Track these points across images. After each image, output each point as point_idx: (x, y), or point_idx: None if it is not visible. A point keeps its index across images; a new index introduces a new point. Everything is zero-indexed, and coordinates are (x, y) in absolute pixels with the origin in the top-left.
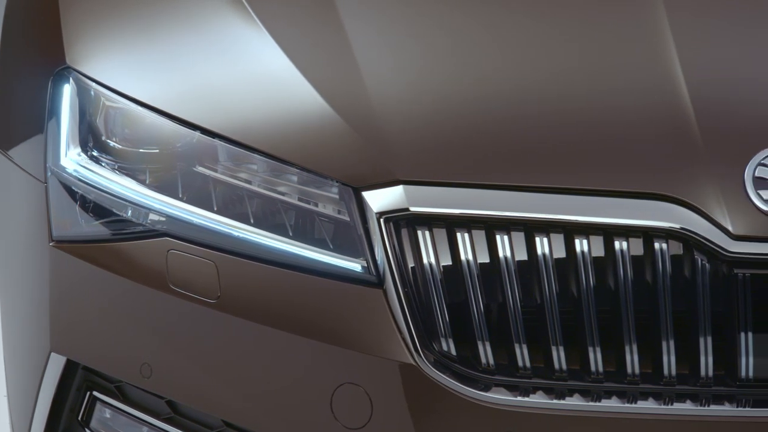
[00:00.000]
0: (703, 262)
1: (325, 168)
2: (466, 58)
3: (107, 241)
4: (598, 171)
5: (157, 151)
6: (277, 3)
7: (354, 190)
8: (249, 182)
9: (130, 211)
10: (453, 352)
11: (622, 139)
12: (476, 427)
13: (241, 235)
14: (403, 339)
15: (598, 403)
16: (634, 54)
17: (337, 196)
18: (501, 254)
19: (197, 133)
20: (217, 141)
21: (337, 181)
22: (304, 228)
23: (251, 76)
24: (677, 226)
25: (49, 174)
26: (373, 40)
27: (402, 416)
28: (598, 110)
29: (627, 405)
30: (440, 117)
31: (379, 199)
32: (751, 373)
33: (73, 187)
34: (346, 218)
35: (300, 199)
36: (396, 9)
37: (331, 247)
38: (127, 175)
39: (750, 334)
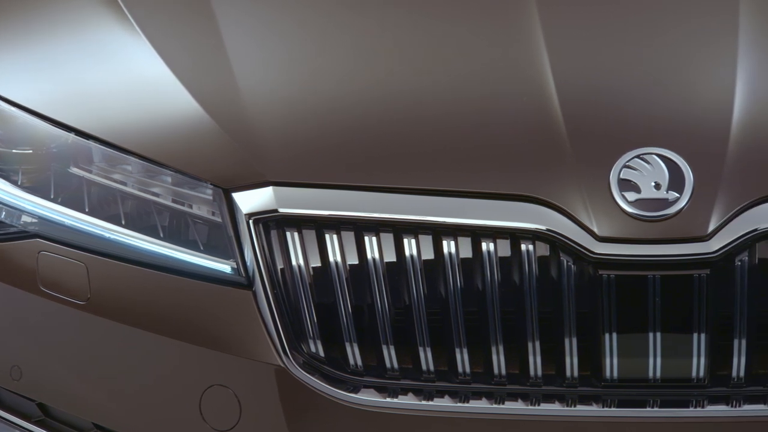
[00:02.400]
0: (569, 263)
1: (197, 170)
2: (339, 62)
3: None
4: (465, 173)
5: (31, 152)
6: (154, 6)
7: (224, 191)
8: (123, 184)
9: (3, 213)
10: (321, 353)
11: (491, 142)
12: (346, 429)
13: (112, 237)
14: (272, 341)
15: (466, 404)
16: (505, 58)
17: (210, 198)
18: (369, 256)
19: (72, 135)
20: (91, 143)
21: (208, 183)
22: (178, 229)
23: (126, 79)
24: (543, 227)
25: None
26: (248, 44)
27: (271, 418)
28: (467, 113)
29: (494, 406)
30: (312, 120)
31: (249, 201)
32: (615, 374)
33: None
34: (219, 220)
35: (174, 201)
36: (271, 13)
37: (202, 248)
38: (0, 176)
39: (614, 335)
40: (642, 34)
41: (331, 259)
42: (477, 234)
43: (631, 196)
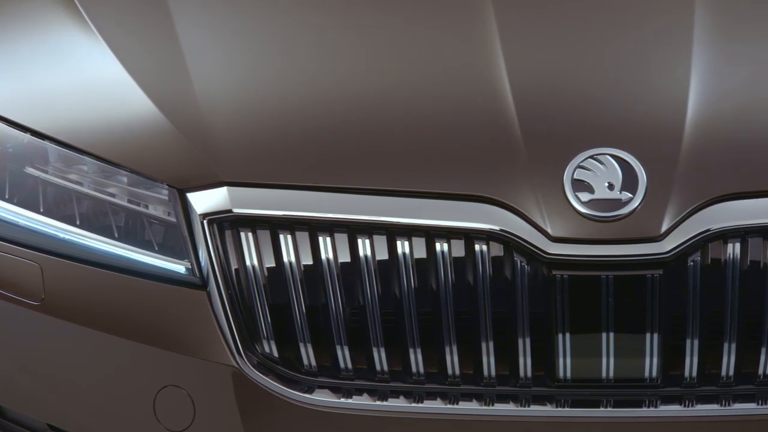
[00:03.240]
0: (523, 263)
1: (152, 170)
2: (295, 63)
3: None
4: (420, 173)
5: None
6: (111, 6)
7: (179, 191)
8: (79, 184)
9: None
10: (275, 354)
11: (445, 143)
12: (300, 429)
13: (66, 237)
14: (226, 341)
15: (420, 405)
16: (461, 59)
17: (166, 198)
18: (324, 256)
19: (27, 135)
20: (47, 143)
21: (163, 183)
22: (134, 230)
23: (82, 79)
24: (497, 228)
25: None
26: (205, 45)
27: (225, 419)
28: (422, 114)
29: (449, 406)
30: (267, 120)
31: (203, 201)
32: (569, 374)
33: None
34: (174, 220)
35: (130, 201)
36: (228, 14)
37: (157, 248)
38: None
39: (568, 335)
40: (597, 35)
41: (285, 259)
42: (431, 234)
43: (585, 196)
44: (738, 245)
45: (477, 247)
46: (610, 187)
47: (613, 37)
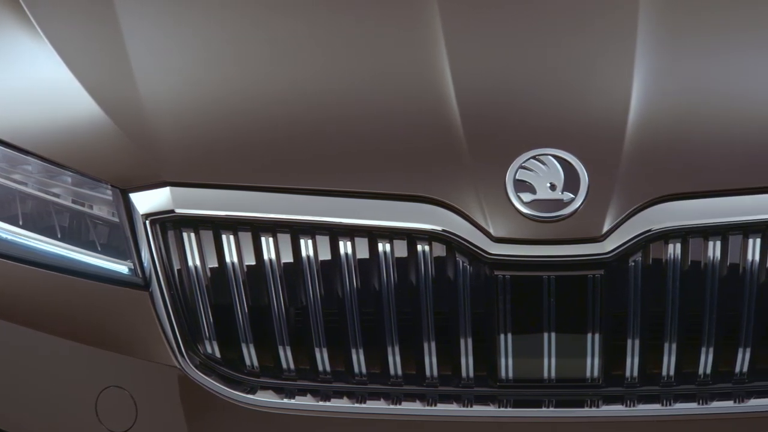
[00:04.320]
0: (465, 263)
1: (96, 170)
2: (239, 63)
3: None
4: (362, 174)
5: None
6: (55, 6)
7: (122, 191)
8: (23, 184)
9: None
10: (218, 354)
11: (388, 144)
12: (243, 430)
13: (8, 238)
14: (168, 342)
15: (363, 405)
16: (405, 60)
17: (110, 198)
18: (266, 256)
19: None
20: None
21: (106, 183)
22: (78, 230)
23: (26, 79)
24: (439, 228)
25: None
26: (150, 45)
27: (168, 420)
28: (365, 115)
29: (391, 407)
30: (211, 121)
31: (146, 201)
32: (511, 374)
33: None
34: (117, 220)
35: (74, 201)
36: (174, 16)
37: (100, 249)
38: None
39: (510, 336)
40: (542, 37)
41: (227, 259)
42: (373, 234)
43: (527, 196)
44: (679, 245)
45: (419, 247)
46: (552, 187)
47: (558, 38)
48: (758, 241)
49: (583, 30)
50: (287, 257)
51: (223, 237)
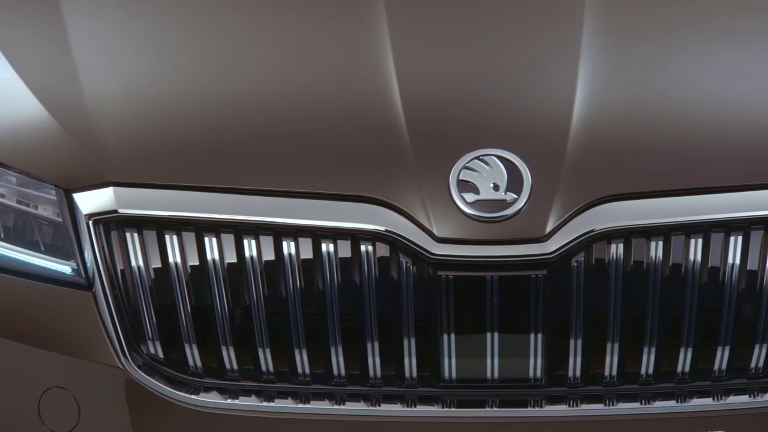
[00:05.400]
0: (408, 264)
1: (40, 171)
2: (184, 64)
3: None
4: (306, 174)
5: None
6: (0, 5)
7: (66, 192)
8: None
9: None
10: (161, 355)
11: (333, 144)
12: (187, 431)
13: None
14: (111, 342)
15: (306, 405)
16: (351, 61)
17: (55, 198)
18: (209, 257)
19: None
20: None
21: (50, 184)
22: (22, 230)
23: None
24: (383, 228)
25: None
26: (96, 46)
27: (112, 420)
28: (310, 116)
29: (335, 407)
30: (155, 121)
31: (89, 201)
32: (454, 374)
33: None
34: (61, 220)
35: (19, 202)
36: (119, 16)
37: (44, 249)
38: None
39: (453, 336)
40: (487, 38)
41: (170, 260)
42: (317, 235)
43: (470, 197)
44: (621, 246)
45: (363, 247)
46: (495, 187)
47: (503, 40)
48: (700, 241)
49: (529, 31)
50: (231, 257)
51: (167, 237)
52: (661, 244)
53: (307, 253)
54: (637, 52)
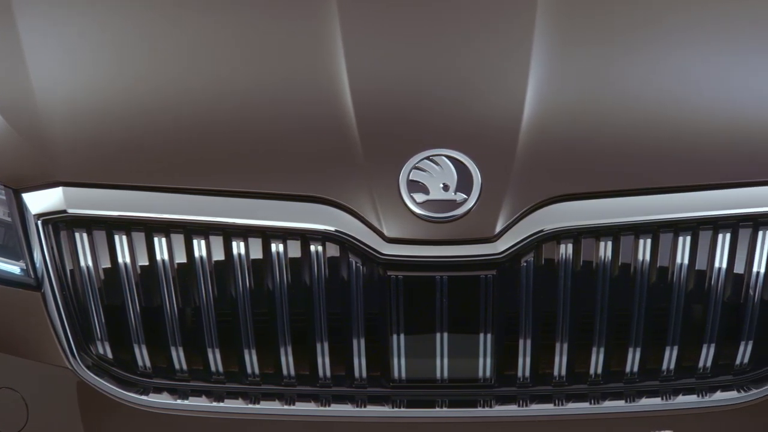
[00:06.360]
0: (358, 264)
1: None
2: (135, 64)
3: None
4: (257, 174)
5: None
6: None
7: (15, 191)
8: None
9: None
10: (110, 355)
11: (283, 145)
12: (138, 431)
13: None
14: (60, 343)
15: (256, 406)
16: (303, 61)
17: (4, 198)
18: (159, 257)
19: None
20: None
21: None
22: None
23: None
24: (332, 228)
25: None
26: (47, 45)
27: (60, 421)
28: (261, 116)
29: (285, 407)
30: (106, 121)
31: (39, 201)
32: (404, 374)
33: None
34: (10, 220)
35: None
36: (72, 15)
37: None
38: None
39: (402, 336)
40: (439, 38)
41: (120, 260)
42: (267, 235)
43: (420, 197)
44: (570, 246)
45: (313, 247)
46: (445, 188)
47: (455, 40)
48: (649, 241)
49: (481, 32)
50: (180, 258)
51: (116, 237)
52: (610, 244)
53: (256, 253)
54: (587, 54)
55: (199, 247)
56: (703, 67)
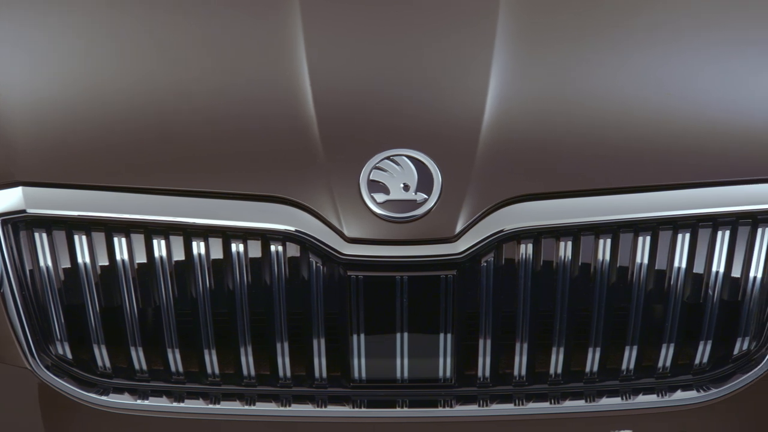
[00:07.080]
0: (318, 264)
1: None
2: (96, 64)
3: None
4: (216, 174)
5: None
6: None
7: None
8: None
9: None
10: (69, 356)
11: (244, 145)
12: (99, 431)
13: None
14: (19, 343)
15: (216, 406)
16: (264, 61)
17: None
18: (119, 257)
19: None
20: None
21: None
22: None
23: None
24: (293, 228)
25: None
26: (7, 43)
27: (20, 421)
28: (222, 116)
29: (245, 407)
30: (66, 121)
31: None
32: (364, 375)
33: None
34: None
35: None
36: (34, 14)
37: None
38: None
39: (362, 336)
40: (401, 39)
41: (79, 260)
42: (227, 235)
43: (380, 197)
44: (530, 246)
45: (273, 247)
46: (406, 188)
47: (417, 41)
48: (608, 241)
49: (442, 33)
50: (140, 258)
51: (76, 237)
52: (570, 244)
53: (217, 253)
54: (549, 55)
55: (159, 247)
56: (663, 67)
